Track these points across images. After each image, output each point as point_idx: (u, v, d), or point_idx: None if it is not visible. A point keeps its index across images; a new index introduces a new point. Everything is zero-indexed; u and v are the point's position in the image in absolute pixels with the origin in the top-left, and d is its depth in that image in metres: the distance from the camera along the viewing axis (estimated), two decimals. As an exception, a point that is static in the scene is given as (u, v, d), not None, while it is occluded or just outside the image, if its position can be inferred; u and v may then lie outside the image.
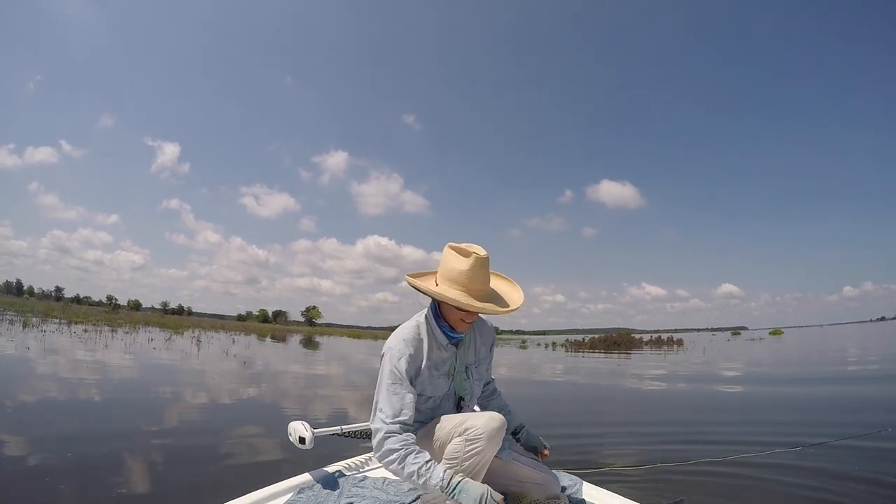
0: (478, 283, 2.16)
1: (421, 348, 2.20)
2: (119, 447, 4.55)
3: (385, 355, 2.19)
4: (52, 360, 11.44)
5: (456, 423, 2.10)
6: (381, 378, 2.15)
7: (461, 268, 2.14)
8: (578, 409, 8.27)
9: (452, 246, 2.21)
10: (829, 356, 21.44)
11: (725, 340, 51.05)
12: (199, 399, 7.61)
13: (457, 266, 2.15)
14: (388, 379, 2.12)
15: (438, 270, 2.25)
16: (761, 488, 3.78)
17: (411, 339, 2.20)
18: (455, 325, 2.23)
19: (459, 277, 2.13)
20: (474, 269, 2.14)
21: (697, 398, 9.79)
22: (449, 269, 2.17)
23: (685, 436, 5.84)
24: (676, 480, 3.87)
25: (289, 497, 2.34)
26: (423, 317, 2.28)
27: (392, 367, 2.13)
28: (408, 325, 2.26)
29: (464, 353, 2.34)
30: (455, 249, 2.19)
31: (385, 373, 2.14)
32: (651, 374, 14.90)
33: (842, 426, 5.93)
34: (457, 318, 2.20)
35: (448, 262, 2.19)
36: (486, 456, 2.04)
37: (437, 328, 2.24)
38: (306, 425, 2.62)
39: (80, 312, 45.21)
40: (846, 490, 3.71)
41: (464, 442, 2.03)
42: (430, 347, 2.22)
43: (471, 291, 2.13)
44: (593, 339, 42.41)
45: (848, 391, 9.93)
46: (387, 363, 2.15)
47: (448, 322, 2.23)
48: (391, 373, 2.12)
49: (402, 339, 2.19)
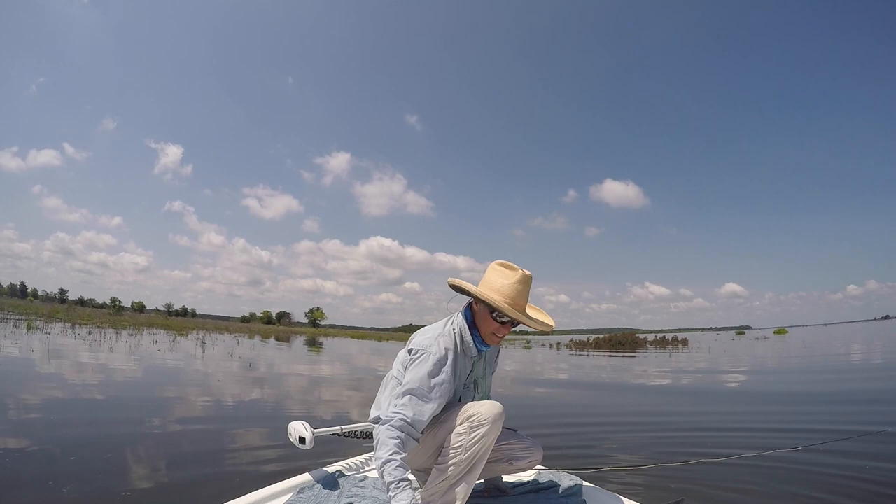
0: (522, 300, 2.24)
1: (456, 358, 2.21)
2: (122, 448, 4.57)
3: (423, 354, 2.16)
4: (57, 362, 11.46)
5: (459, 411, 2.15)
6: (414, 374, 2.11)
7: (507, 281, 2.21)
8: (580, 409, 8.24)
9: (500, 263, 2.28)
10: (833, 355, 21.32)
11: (730, 340, 50.95)
12: (201, 400, 7.63)
13: (503, 280, 2.22)
14: (423, 382, 2.08)
15: (482, 282, 2.29)
16: (761, 488, 3.77)
17: (453, 348, 2.21)
18: (486, 337, 2.27)
19: (506, 290, 2.19)
20: (521, 283, 2.22)
21: (699, 398, 9.77)
22: (494, 281, 2.23)
23: (685, 436, 5.82)
24: (676, 480, 3.87)
25: (289, 497, 2.35)
26: (457, 324, 2.29)
27: (432, 371, 2.11)
28: (446, 331, 2.26)
29: (478, 366, 2.38)
30: (502, 265, 2.27)
31: (419, 373, 2.10)
32: (655, 375, 14.87)
33: (842, 426, 5.90)
34: (490, 331, 2.25)
35: (494, 275, 2.26)
36: (489, 441, 2.09)
37: (471, 337, 2.26)
38: (306, 425, 2.63)
39: (84, 314, 45.26)
40: (846, 490, 3.70)
41: (468, 429, 2.08)
42: (459, 356, 2.24)
43: (515, 305, 2.20)
44: (598, 339, 42.36)
45: (849, 391, 9.91)
46: (425, 364, 2.12)
47: (481, 334, 2.28)
48: (427, 378, 2.09)
49: (445, 345, 2.18)
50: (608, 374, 15.85)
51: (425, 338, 2.24)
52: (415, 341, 2.26)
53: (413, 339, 2.29)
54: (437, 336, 2.22)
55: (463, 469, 2.07)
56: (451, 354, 2.17)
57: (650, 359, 22.26)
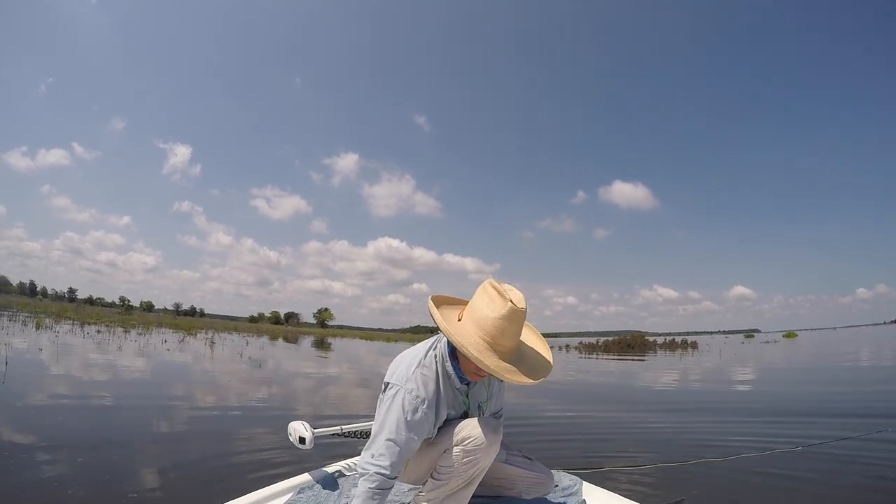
0: (507, 339, 1.85)
1: (438, 391, 1.98)
2: (129, 449, 4.60)
3: (398, 392, 1.92)
4: (65, 361, 11.54)
5: (454, 430, 1.99)
6: (388, 416, 1.90)
7: (492, 315, 1.83)
8: (581, 409, 8.23)
9: (492, 284, 1.90)
10: (843, 358, 21.17)
11: (739, 343, 50.52)
12: (207, 400, 7.67)
13: (488, 312, 1.84)
14: (398, 425, 1.87)
15: (468, 304, 1.97)
16: (761, 488, 3.77)
17: (434, 380, 1.97)
18: (469, 375, 2.00)
19: (487, 325, 1.83)
20: (507, 319, 1.82)
21: (701, 398, 9.74)
22: (479, 311, 1.87)
23: (686, 436, 5.83)
24: (676, 480, 3.87)
25: (289, 497, 2.36)
26: (439, 350, 2.02)
27: (407, 412, 1.88)
28: (427, 360, 2.00)
29: (476, 392, 2.13)
30: (493, 288, 1.88)
31: (394, 415, 1.89)
32: (663, 377, 14.82)
33: (843, 426, 5.89)
34: (471, 370, 1.95)
35: (480, 302, 1.89)
36: (482, 465, 1.97)
37: (452, 369, 1.99)
38: (306, 425, 2.64)
39: (93, 313, 45.52)
40: (846, 490, 3.70)
41: (462, 453, 1.94)
42: (444, 387, 2.00)
43: (496, 345, 1.84)
44: (607, 341, 41.91)
45: (850, 391, 9.91)
46: (400, 404, 1.89)
47: (461, 366, 1.99)
48: (403, 420, 1.88)
49: (423, 380, 1.94)
50: (618, 378, 15.81)
51: (401, 369, 1.99)
52: (390, 372, 2.03)
53: (391, 367, 2.06)
54: (415, 368, 1.96)
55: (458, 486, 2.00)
56: (430, 390, 1.94)
57: (660, 362, 22.11)
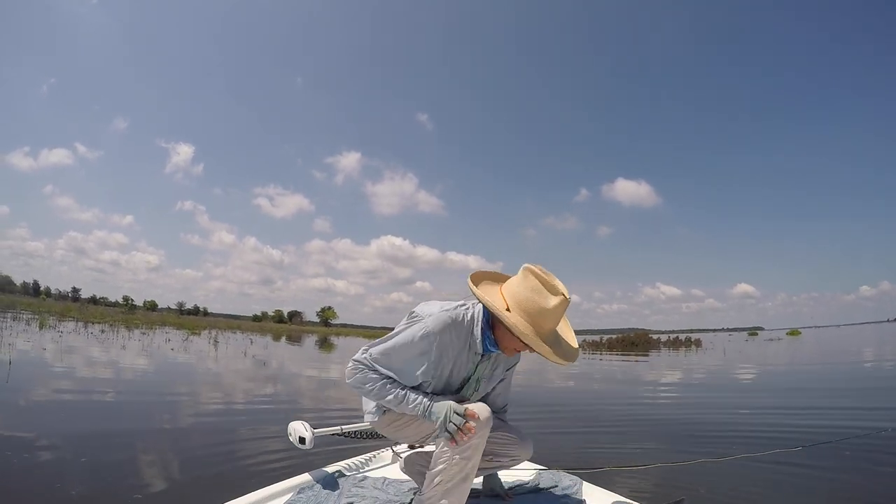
0: (550, 324, 1.96)
1: (459, 343, 2.03)
2: (132, 449, 4.61)
3: (418, 321, 2.02)
4: (69, 360, 11.58)
5: None
6: (398, 334, 2.01)
7: (544, 305, 1.90)
8: (581, 409, 8.23)
9: (536, 273, 1.94)
10: (846, 357, 21.12)
11: (743, 341, 50.44)
12: (210, 400, 7.71)
13: (539, 300, 1.90)
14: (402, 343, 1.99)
15: (509, 288, 2.01)
16: (761, 488, 3.76)
17: (453, 329, 2.00)
18: (504, 349, 2.05)
19: (535, 311, 1.90)
20: (557, 310, 1.93)
21: (702, 398, 9.74)
22: (527, 299, 1.92)
23: (686, 436, 5.83)
24: (677, 480, 3.87)
25: (289, 497, 2.35)
26: (472, 314, 2.06)
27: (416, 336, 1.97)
28: (457, 313, 2.03)
29: (483, 366, 2.16)
30: (541, 279, 1.93)
31: (404, 335, 1.99)
32: (667, 376, 14.81)
33: (843, 426, 5.89)
34: (511, 347, 2.02)
35: (528, 290, 1.93)
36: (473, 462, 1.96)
37: (480, 334, 2.03)
38: (306, 425, 2.64)
39: (96, 313, 45.58)
40: (847, 490, 3.70)
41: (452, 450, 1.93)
42: (461, 343, 2.04)
43: (540, 329, 1.92)
44: (610, 339, 41.75)
45: (850, 391, 9.89)
46: (414, 330, 1.98)
47: (497, 339, 2.04)
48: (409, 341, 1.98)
49: (444, 323, 1.98)
50: (622, 376, 15.80)
51: (429, 306, 2.08)
52: (419, 306, 2.12)
53: (420, 306, 2.14)
54: (443, 311, 2.01)
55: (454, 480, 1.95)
56: (446, 335, 1.98)
57: (664, 360, 22.08)
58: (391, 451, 3.04)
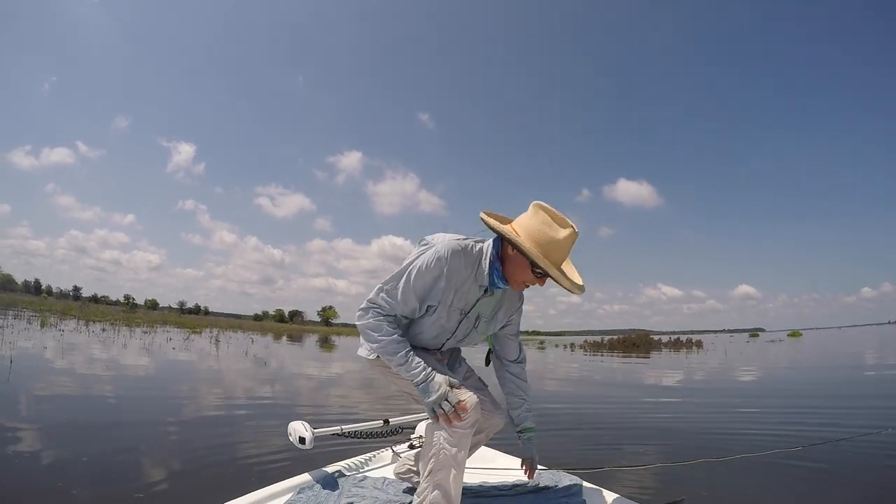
0: (561, 255, 2.00)
1: (466, 272, 2.05)
2: (134, 449, 4.61)
3: (429, 249, 2.03)
4: (70, 360, 11.60)
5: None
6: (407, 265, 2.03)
7: (555, 236, 1.96)
8: (582, 409, 8.23)
9: (546, 208, 2.00)
10: (847, 358, 21.13)
11: (744, 342, 50.37)
12: (210, 399, 7.71)
13: (549, 232, 1.96)
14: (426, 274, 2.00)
15: (520, 222, 2.05)
16: (761, 488, 3.77)
17: (463, 258, 2.03)
18: (514, 283, 2.07)
19: (546, 242, 1.95)
20: (566, 242, 1.99)
21: (703, 398, 9.73)
22: (538, 230, 1.97)
23: (686, 436, 5.84)
24: (677, 480, 3.88)
25: (289, 497, 2.35)
26: (481, 248, 2.09)
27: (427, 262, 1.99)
28: (465, 244, 2.05)
29: (485, 304, 2.17)
30: (550, 214, 1.99)
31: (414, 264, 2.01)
32: (668, 376, 14.79)
33: (843, 426, 5.90)
34: (521, 280, 2.05)
35: (539, 223, 1.99)
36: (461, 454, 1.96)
37: (487, 267, 2.06)
38: (306, 425, 2.64)
39: (97, 312, 45.67)
40: (846, 490, 3.71)
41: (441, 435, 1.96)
42: (468, 273, 2.05)
43: (550, 258, 1.96)
44: (612, 340, 41.70)
45: (850, 391, 9.92)
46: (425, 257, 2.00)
47: (506, 274, 2.07)
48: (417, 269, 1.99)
49: (454, 249, 2.00)
50: (622, 376, 15.77)
51: (441, 237, 2.10)
52: (428, 236, 2.14)
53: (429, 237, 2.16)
54: (452, 239, 2.04)
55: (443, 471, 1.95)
56: (455, 261, 2.00)
57: (665, 361, 22.04)
58: (391, 451, 3.04)
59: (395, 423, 3.12)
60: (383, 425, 3.09)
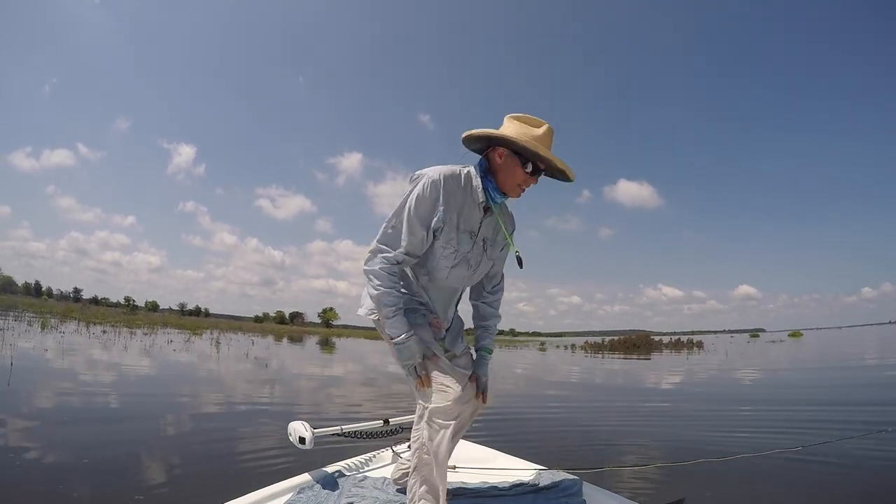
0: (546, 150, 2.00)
1: (462, 194, 2.04)
2: (134, 450, 4.62)
3: (420, 178, 2.02)
4: (70, 361, 11.61)
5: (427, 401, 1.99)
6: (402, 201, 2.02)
7: (535, 132, 1.99)
8: (582, 409, 8.23)
9: (519, 116, 2.05)
10: (848, 358, 21.11)
11: (745, 342, 50.33)
12: (211, 400, 7.72)
13: (528, 130, 2.00)
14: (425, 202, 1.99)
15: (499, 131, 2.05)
16: (762, 488, 3.77)
17: (456, 179, 2.03)
18: (510, 190, 2.07)
19: (530, 139, 1.98)
20: (546, 136, 2.01)
21: (703, 398, 9.74)
22: (517, 131, 2.00)
23: (686, 436, 5.84)
24: (676, 480, 3.88)
25: (289, 497, 2.35)
26: (472, 169, 2.09)
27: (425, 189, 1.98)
28: (457, 167, 2.06)
29: (488, 225, 2.16)
30: (523, 119, 2.04)
31: (408, 198, 2.00)
32: (668, 377, 14.81)
33: (842, 426, 5.90)
34: (515, 184, 2.05)
35: (517, 126, 2.02)
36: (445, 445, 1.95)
37: (480, 183, 2.05)
38: (306, 425, 2.64)
39: (98, 313, 45.64)
40: (847, 491, 3.71)
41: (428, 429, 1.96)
42: (465, 194, 2.05)
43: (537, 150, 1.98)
44: (612, 340, 41.59)
45: (850, 391, 9.89)
46: (419, 187, 1.99)
47: (500, 184, 2.07)
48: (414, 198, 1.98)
49: (444, 174, 2.01)
50: (620, 378, 15.78)
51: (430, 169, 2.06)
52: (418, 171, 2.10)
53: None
54: (440, 166, 2.05)
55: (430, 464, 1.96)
56: (449, 183, 2.01)
57: (666, 362, 22.03)
58: (391, 451, 3.04)
59: (395, 423, 3.12)
60: (383, 425, 3.09)
